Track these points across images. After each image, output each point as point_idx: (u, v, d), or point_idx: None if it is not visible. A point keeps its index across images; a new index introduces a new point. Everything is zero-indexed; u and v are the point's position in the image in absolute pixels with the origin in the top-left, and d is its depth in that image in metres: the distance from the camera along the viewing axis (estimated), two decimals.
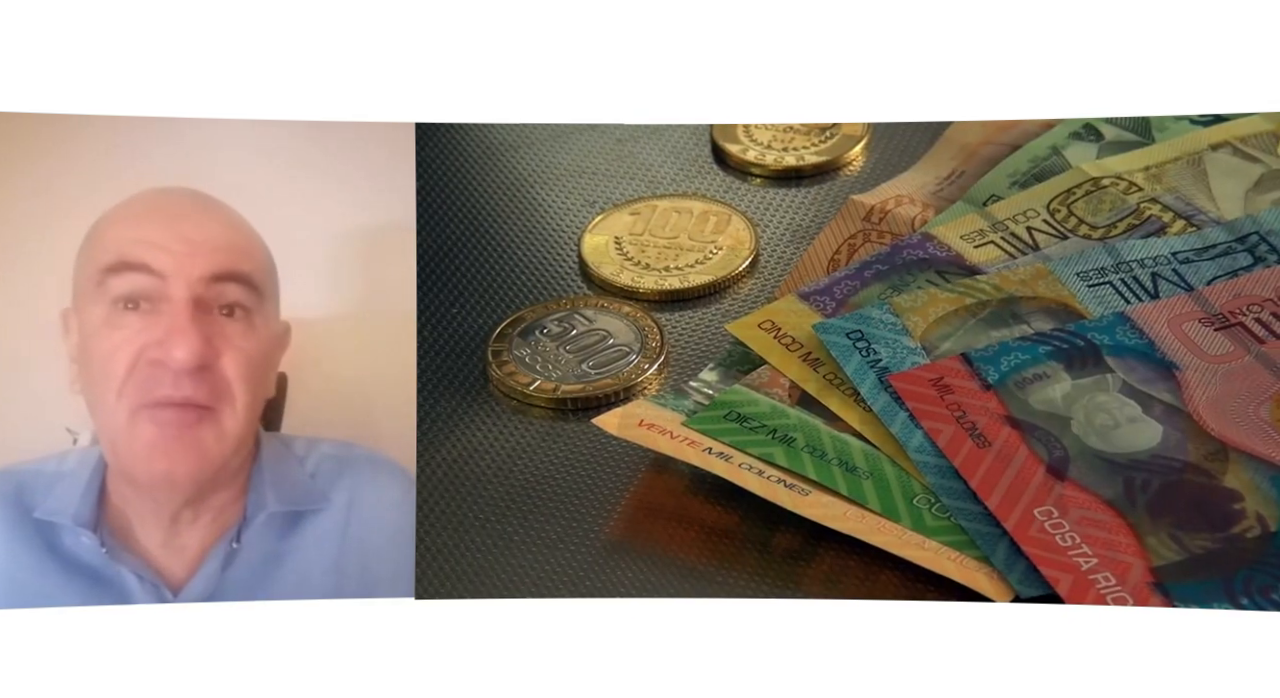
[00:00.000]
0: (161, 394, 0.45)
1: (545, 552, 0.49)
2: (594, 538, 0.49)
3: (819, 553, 0.48)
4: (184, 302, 0.46)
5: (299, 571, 0.47)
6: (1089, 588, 0.45)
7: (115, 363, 0.46)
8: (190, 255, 0.46)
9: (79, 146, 0.52)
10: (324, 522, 0.47)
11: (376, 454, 0.49)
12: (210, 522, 0.47)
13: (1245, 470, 0.47)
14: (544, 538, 0.49)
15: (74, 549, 0.47)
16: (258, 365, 0.47)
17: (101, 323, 0.46)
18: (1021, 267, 0.54)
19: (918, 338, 0.52)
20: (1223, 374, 0.49)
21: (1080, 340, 0.51)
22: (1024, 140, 0.59)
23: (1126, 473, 0.48)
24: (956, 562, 0.47)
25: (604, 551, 0.48)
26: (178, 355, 0.45)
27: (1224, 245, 0.53)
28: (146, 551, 0.47)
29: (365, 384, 0.51)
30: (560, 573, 0.48)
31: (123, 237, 0.47)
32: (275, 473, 0.48)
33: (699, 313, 0.57)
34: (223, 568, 0.47)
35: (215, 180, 0.50)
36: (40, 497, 0.47)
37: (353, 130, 0.53)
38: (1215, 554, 0.45)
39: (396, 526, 0.48)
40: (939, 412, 0.50)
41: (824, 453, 0.50)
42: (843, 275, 0.55)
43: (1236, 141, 0.57)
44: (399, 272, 0.52)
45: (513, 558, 0.48)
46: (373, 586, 0.47)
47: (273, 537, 0.47)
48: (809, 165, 0.61)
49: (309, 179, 0.52)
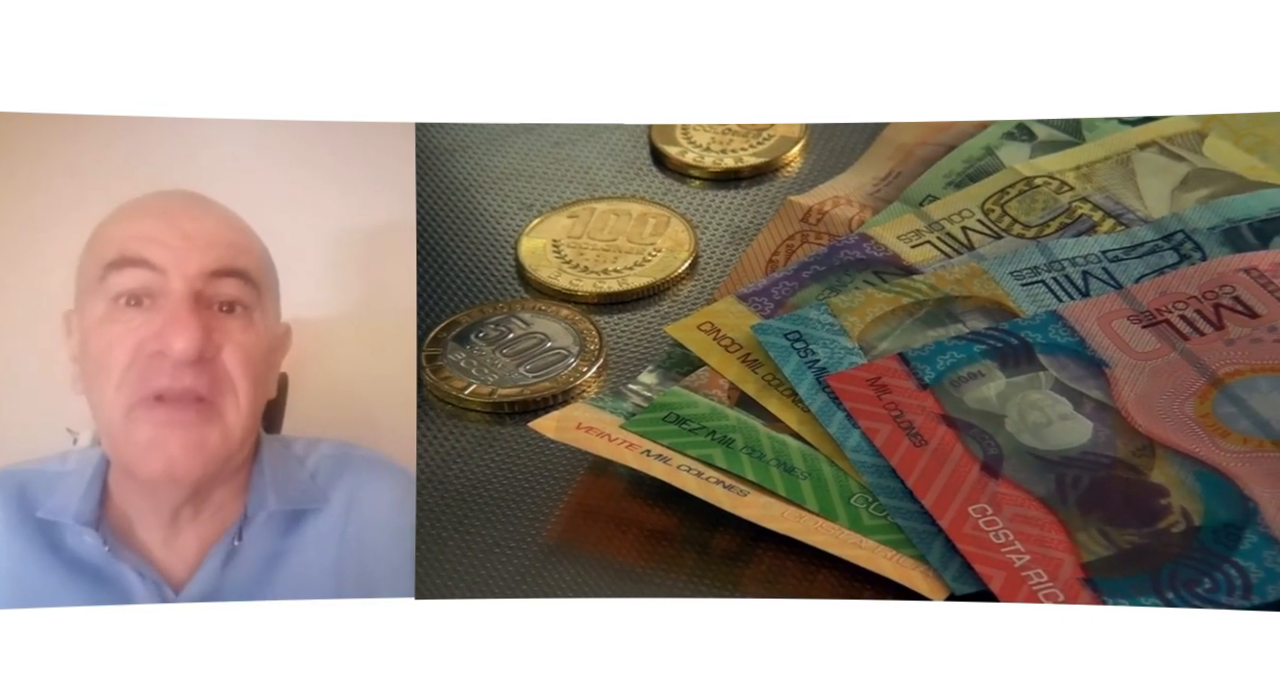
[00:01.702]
0: (160, 385, 0.45)
1: (481, 556, 0.49)
2: (531, 542, 0.49)
3: (757, 554, 0.48)
4: (183, 295, 0.46)
5: (299, 569, 0.47)
6: (1021, 585, 0.46)
7: (114, 356, 0.46)
8: (188, 250, 0.46)
9: (79, 146, 0.52)
10: (324, 521, 0.47)
11: (376, 454, 0.49)
12: (210, 519, 0.47)
13: (1171, 466, 0.48)
14: (479, 543, 0.49)
15: (76, 548, 0.47)
16: (258, 362, 0.47)
17: (101, 318, 0.46)
18: (957, 266, 0.55)
19: (855, 338, 0.53)
20: (1150, 371, 0.50)
21: (1014, 339, 0.52)
22: (959, 141, 0.59)
23: (1058, 470, 0.48)
24: (893, 560, 0.47)
25: (541, 554, 0.49)
26: (177, 346, 0.45)
27: (1151, 243, 0.54)
28: (148, 548, 0.47)
29: (365, 384, 0.51)
30: (496, 577, 0.48)
31: (123, 233, 0.47)
32: (275, 472, 0.48)
33: (638, 315, 0.57)
34: (224, 566, 0.47)
35: (215, 180, 0.50)
36: (42, 496, 0.47)
37: (353, 130, 0.53)
38: (1142, 549, 0.46)
39: (396, 525, 0.48)
40: (876, 411, 0.50)
41: (762, 454, 0.50)
42: (781, 276, 0.56)
43: (1163, 141, 0.58)
44: (399, 272, 0.52)
45: (448, 563, 0.48)
46: (372, 585, 0.47)
47: (273, 536, 0.47)
48: (747, 167, 0.61)
49: (309, 179, 0.52)
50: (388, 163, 0.52)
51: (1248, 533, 0.46)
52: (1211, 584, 0.45)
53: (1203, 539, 0.46)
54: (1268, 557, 0.45)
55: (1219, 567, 0.45)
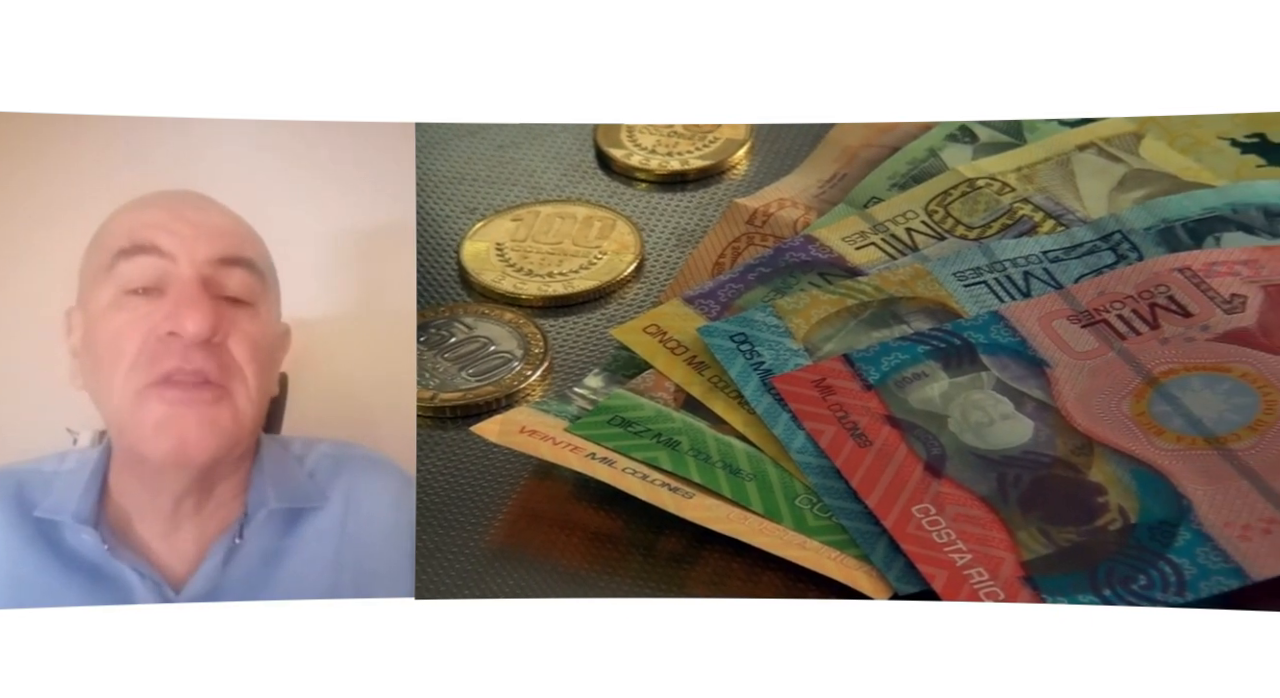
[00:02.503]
0: (170, 366, 0.45)
1: (423, 561, 0.49)
2: (474, 546, 0.49)
3: (703, 556, 0.48)
4: (193, 279, 0.46)
5: (299, 568, 0.47)
6: (963, 583, 0.46)
7: (123, 343, 0.46)
8: (196, 237, 0.47)
9: (79, 147, 0.52)
10: (323, 520, 0.48)
11: (375, 454, 0.49)
12: (211, 517, 0.47)
13: (1109, 464, 0.49)
14: (422, 547, 0.49)
15: (75, 547, 0.46)
16: (264, 352, 0.47)
17: (109, 305, 0.46)
18: (901, 267, 0.55)
19: (800, 340, 0.53)
20: (1089, 370, 0.51)
21: (957, 339, 0.52)
22: (903, 143, 0.60)
23: (1000, 469, 0.49)
24: (837, 561, 0.47)
25: (485, 559, 0.49)
26: (189, 326, 0.45)
27: (1089, 244, 0.55)
28: (147, 546, 0.47)
29: (365, 384, 0.51)
30: (439, 582, 0.48)
31: (132, 222, 0.47)
32: (274, 471, 0.48)
33: (584, 318, 0.57)
34: (223, 564, 0.47)
35: (215, 180, 0.50)
36: (40, 495, 0.47)
37: (353, 130, 0.53)
38: (1080, 547, 0.47)
39: (395, 524, 0.48)
40: (821, 412, 0.50)
41: (708, 456, 0.50)
42: (727, 279, 0.56)
43: (1101, 142, 0.58)
44: (399, 272, 0.52)
45: None
46: (372, 584, 0.47)
47: (273, 534, 0.47)
48: (693, 169, 0.61)
49: (309, 179, 0.52)
50: (388, 163, 0.53)
51: (1182, 530, 0.46)
52: (1147, 581, 0.46)
53: (1138, 537, 0.47)
54: (1200, 553, 0.46)
55: (1154, 564, 0.46)
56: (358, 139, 0.53)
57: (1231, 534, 0.46)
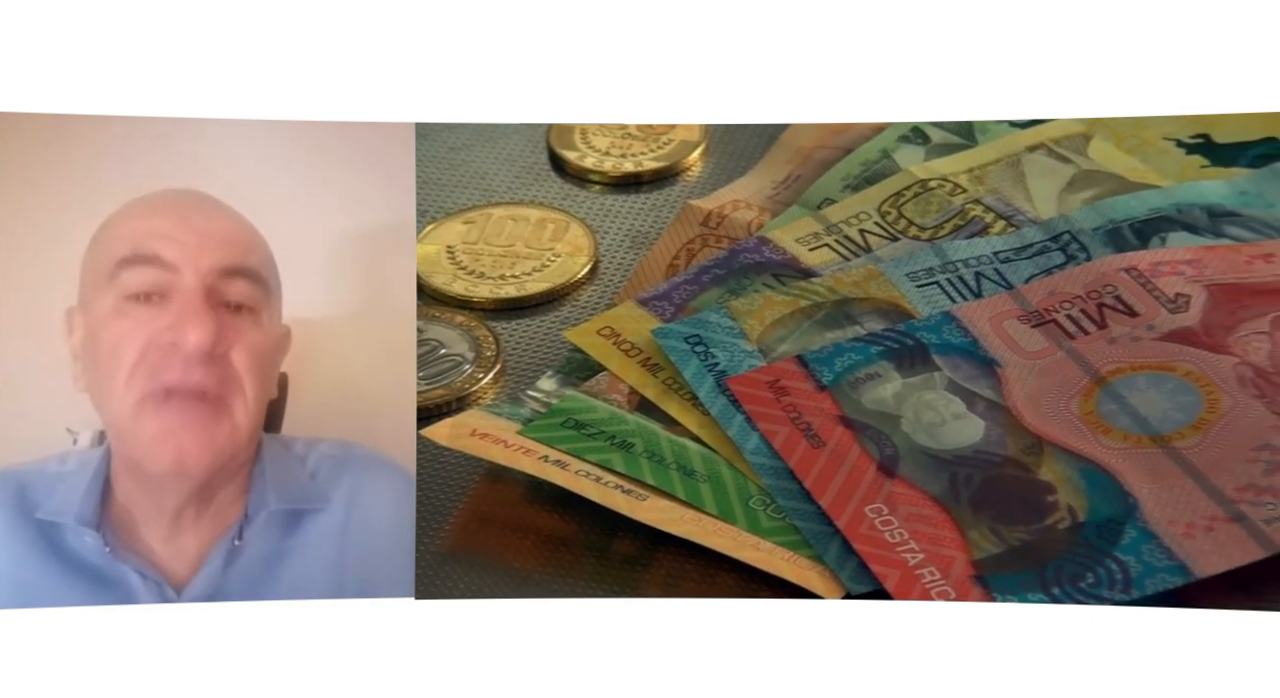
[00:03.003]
0: (171, 378, 0.45)
1: None
2: (425, 550, 0.49)
3: (657, 558, 0.48)
4: (196, 290, 0.46)
5: (300, 569, 0.47)
6: (915, 583, 0.46)
7: (124, 350, 0.45)
8: (200, 247, 0.46)
9: (80, 147, 0.52)
10: (324, 520, 0.47)
11: (375, 454, 0.49)
12: (212, 520, 0.47)
13: (1058, 463, 0.49)
14: None
15: (77, 549, 0.46)
16: (265, 361, 0.47)
17: (111, 313, 0.46)
18: (854, 268, 0.55)
19: (754, 341, 0.53)
20: (1038, 370, 0.51)
21: (909, 340, 0.52)
22: (856, 144, 0.60)
23: (951, 469, 0.49)
24: (790, 562, 0.48)
25: (436, 562, 0.48)
26: (192, 339, 0.45)
27: (1039, 244, 0.55)
28: (149, 549, 0.47)
29: (365, 384, 0.51)
30: None
31: (135, 230, 0.47)
32: (276, 472, 0.48)
33: (537, 321, 0.57)
34: (225, 566, 0.47)
35: (216, 180, 0.50)
36: (42, 497, 0.47)
37: (353, 130, 0.53)
38: (1030, 546, 0.47)
39: (396, 524, 0.48)
40: (775, 413, 0.51)
41: (662, 457, 0.51)
42: (681, 280, 0.56)
43: (1051, 143, 0.59)
44: (399, 272, 0.52)
45: None
46: (373, 584, 0.47)
47: (274, 535, 0.47)
48: (648, 171, 0.61)
49: (309, 179, 0.52)
50: (388, 163, 0.53)
51: (1128, 528, 0.47)
52: (1094, 579, 0.46)
53: (1086, 535, 0.47)
54: (1146, 551, 0.46)
55: (1101, 562, 0.46)
56: (358, 139, 0.53)
57: (1176, 532, 0.46)
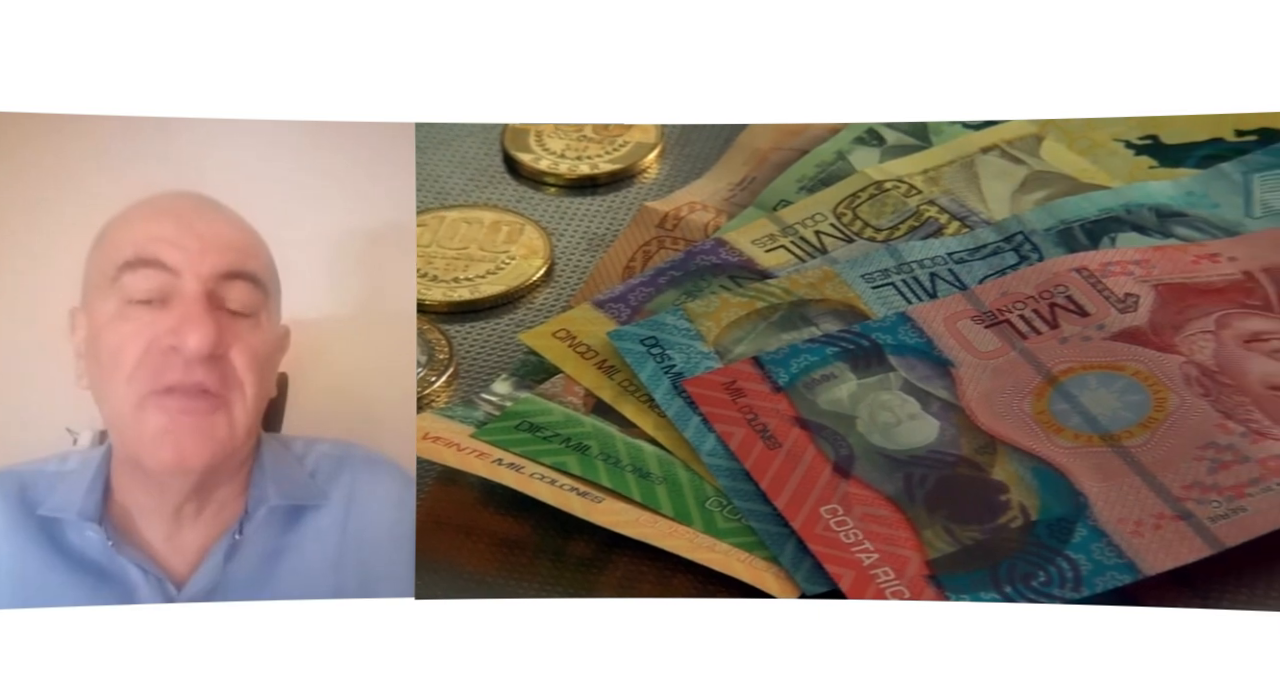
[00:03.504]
0: (172, 379, 0.46)
1: None
2: None
3: (613, 560, 0.48)
4: (197, 294, 0.46)
5: (299, 566, 0.47)
6: (869, 583, 0.46)
7: (126, 352, 0.46)
8: (202, 252, 0.47)
9: (80, 147, 0.52)
10: (323, 518, 0.48)
11: (374, 453, 0.50)
12: (212, 517, 0.47)
13: (1011, 463, 0.49)
14: None
15: (79, 545, 0.47)
16: (264, 362, 0.47)
17: (113, 315, 0.46)
18: (810, 270, 0.55)
19: (711, 343, 0.53)
20: (992, 370, 0.52)
21: (865, 341, 0.53)
22: (812, 145, 0.60)
23: (906, 469, 0.49)
24: (746, 563, 0.48)
25: None
26: (192, 342, 0.46)
27: (993, 245, 0.56)
28: (150, 545, 0.47)
29: (365, 384, 0.51)
30: None
31: (138, 234, 0.47)
32: (275, 470, 0.48)
33: (491, 324, 0.57)
34: (225, 561, 0.47)
35: (216, 180, 0.50)
36: (44, 495, 0.47)
37: (353, 130, 0.53)
38: (983, 545, 0.47)
39: (395, 523, 0.48)
40: (731, 415, 0.51)
41: (618, 460, 0.50)
42: (637, 282, 0.56)
43: (1004, 145, 0.59)
44: (399, 272, 0.52)
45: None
46: (372, 582, 0.47)
47: (273, 531, 0.47)
48: (603, 173, 0.61)
49: (309, 179, 0.52)
50: (388, 163, 0.53)
51: (1079, 526, 0.47)
52: (1045, 577, 0.46)
53: (1038, 534, 0.47)
54: (1095, 549, 0.47)
55: (1052, 560, 0.47)
56: (358, 139, 0.53)
57: (1124, 530, 0.47)
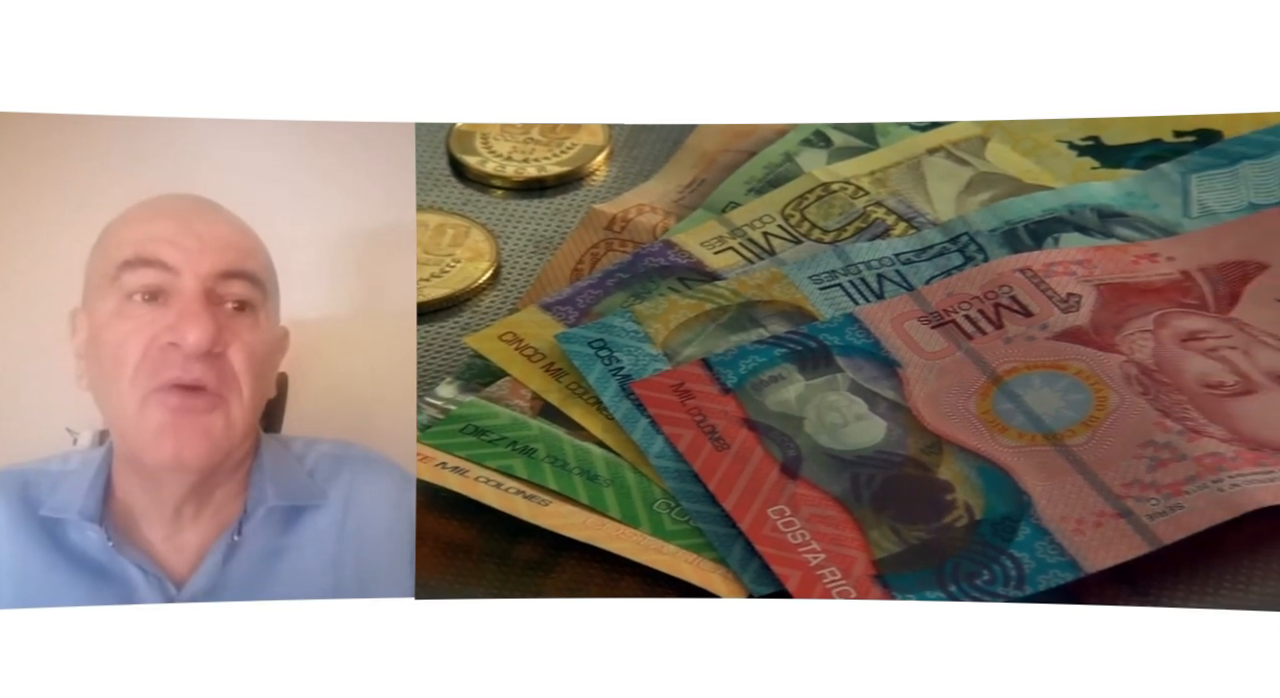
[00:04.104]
0: (171, 376, 0.46)
1: None
2: None
3: (560, 563, 0.48)
4: (196, 292, 0.46)
5: (299, 565, 0.47)
6: (816, 583, 0.46)
7: (127, 351, 0.46)
8: (201, 251, 0.47)
9: (80, 147, 0.52)
10: (322, 518, 0.48)
11: (374, 453, 0.49)
12: (211, 517, 0.47)
13: (957, 462, 0.49)
14: None
15: (80, 544, 0.47)
16: (262, 361, 0.48)
17: (113, 314, 0.47)
18: (758, 271, 0.55)
19: (659, 345, 0.53)
20: (938, 370, 0.52)
21: (812, 342, 0.53)
22: (760, 147, 0.60)
23: (853, 469, 0.49)
24: (693, 564, 0.48)
25: None
26: (190, 338, 0.46)
27: (939, 246, 0.56)
28: (150, 544, 0.47)
29: (365, 384, 0.51)
30: None
31: (138, 234, 0.47)
32: (274, 470, 0.48)
33: (435, 327, 0.56)
34: (224, 561, 0.47)
35: (216, 180, 0.50)
36: (45, 495, 0.47)
37: (353, 130, 0.53)
38: (929, 544, 0.47)
39: (394, 523, 0.48)
40: (680, 417, 0.51)
41: (565, 462, 0.50)
42: (585, 285, 0.56)
43: (950, 146, 0.59)
44: (399, 272, 0.52)
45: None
46: (372, 582, 0.47)
47: (273, 531, 0.47)
48: (551, 176, 0.61)
49: (309, 179, 0.52)
50: (388, 163, 0.53)
51: (1022, 525, 0.47)
52: (989, 576, 0.47)
53: (982, 533, 0.48)
54: (1039, 548, 0.47)
55: (996, 559, 0.47)
56: (358, 139, 0.53)
57: (1067, 528, 0.47)
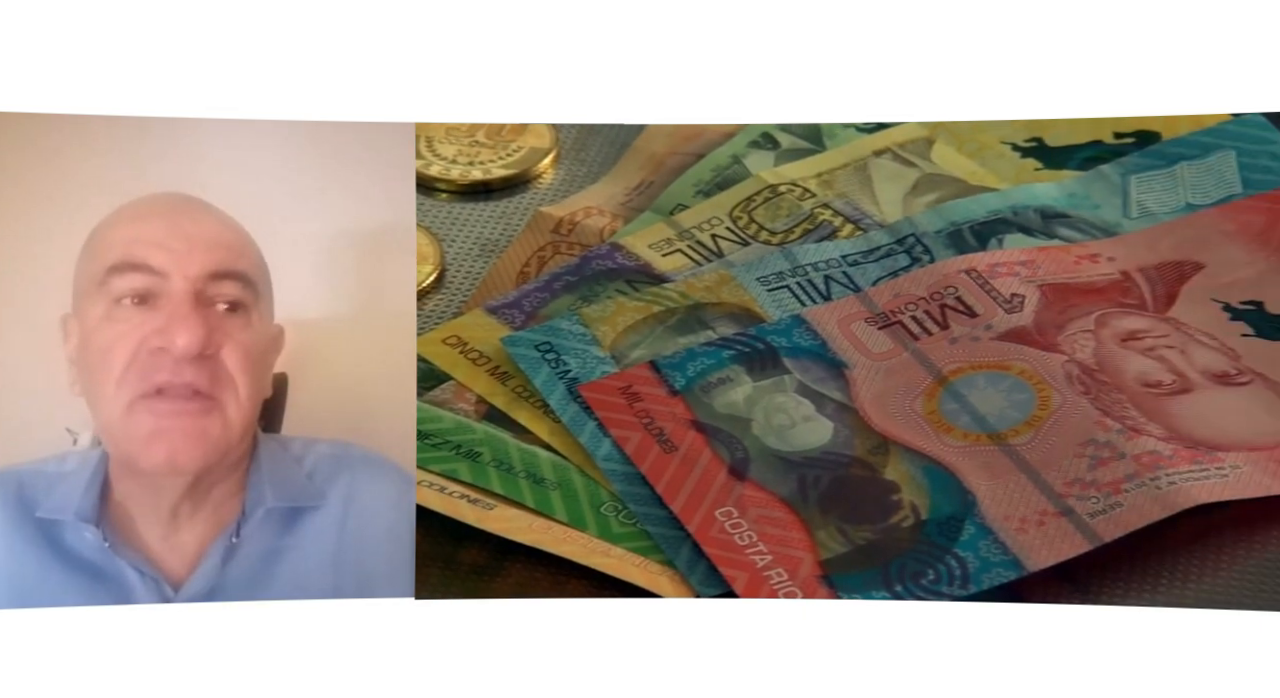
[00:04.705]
0: (161, 379, 0.45)
1: None
2: None
3: (506, 567, 0.48)
4: (185, 294, 0.46)
5: (297, 567, 0.47)
6: (763, 584, 0.46)
7: (115, 355, 0.46)
8: (189, 252, 0.46)
9: (78, 147, 0.51)
10: (321, 519, 0.48)
11: (373, 454, 0.49)
12: (209, 518, 0.47)
13: (903, 462, 0.50)
14: None
15: (76, 546, 0.47)
16: (256, 360, 0.47)
17: (102, 319, 0.46)
18: (707, 273, 0.55)
19: (607, 348, 0.53)
20: (885, 371, 0.52)
21: (760, 344, 0.53)
22: (708, 150, 0.60)
23: (800, 470, 0.49)
24: (641, 567, 0.48)
25: None
26: (180, 342, 0.45)
27: (886, 247, 0.56)
28: (147, 546, 0.47)
29: (365, 384, 0.51)
30: None
31: (125, 236, 0.47)
32: (273, 471, 0.48)
33: None
34: (222, 563, 0.47)
35: (215, 180, 0.50)
36: (42, 496, 0.47)
37: (353, 130, 0.53)
38: (875, 545, 0.48)
39: (394, 524, 0.48)
40: (627, 419, 0.50)
41: (510, 466, 0.50)
42: (532, 288, 0.56)
43: (896, 147, 0.59)
44: (399, 272, 0.52)
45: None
46: (371, 583, 0.47)
47: (271, 533, 0.47)
48: (496, 179, 0.60)
49: (309, 179, 0.52)
50: (388, 163, 0.52)
51: (967, 524, 0.48)
52: (934, 575, 0.47)
53: (928, 532, 0.48)
54: (983, 547, 0.47)
55: (941, 558, 0.47)
56: (358, 139, 0.52)
57: (1010, 527, 0.47)
